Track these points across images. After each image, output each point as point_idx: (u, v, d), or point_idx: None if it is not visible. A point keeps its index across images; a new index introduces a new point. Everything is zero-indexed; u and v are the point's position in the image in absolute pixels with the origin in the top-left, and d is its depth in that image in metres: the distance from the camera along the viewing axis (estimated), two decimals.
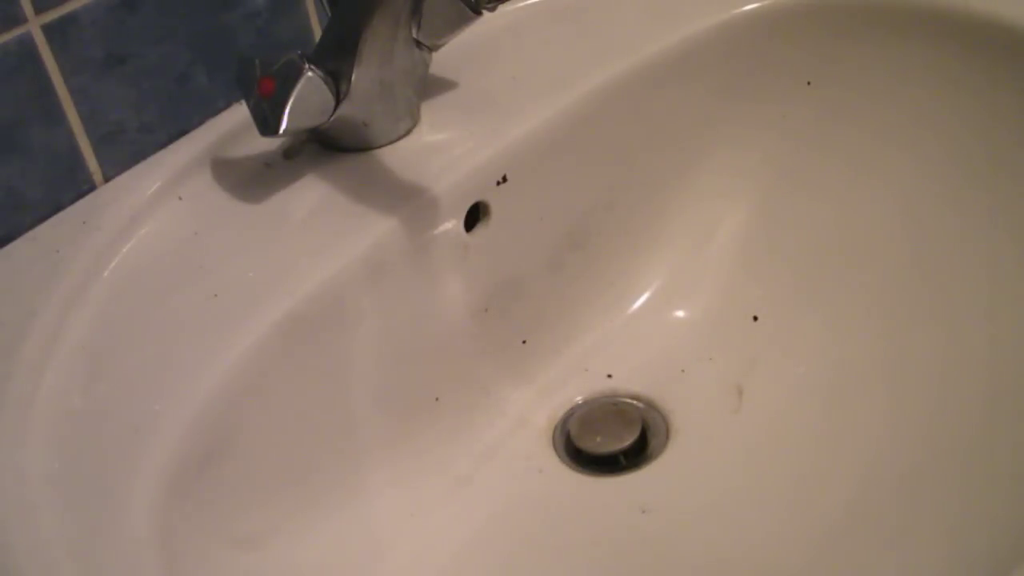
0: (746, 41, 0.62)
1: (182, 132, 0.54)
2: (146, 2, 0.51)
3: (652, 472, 0.53)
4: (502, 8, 0.64)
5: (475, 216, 0.53)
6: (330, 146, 0.53)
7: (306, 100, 0.47)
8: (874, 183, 0.59)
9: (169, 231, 0.49)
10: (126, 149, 0.52)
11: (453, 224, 0.51)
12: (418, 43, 0.51)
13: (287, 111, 0.47)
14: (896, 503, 0.48)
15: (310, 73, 0.47)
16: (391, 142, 0.53)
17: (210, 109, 0.55)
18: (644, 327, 0.60)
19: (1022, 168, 0.54)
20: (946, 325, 0.54)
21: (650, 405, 0.56)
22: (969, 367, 0.52)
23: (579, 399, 0.57)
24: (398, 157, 0.52)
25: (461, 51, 0.56)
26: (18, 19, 0.46)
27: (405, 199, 0.50)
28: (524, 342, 0.57)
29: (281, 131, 0.47)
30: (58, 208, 0.50)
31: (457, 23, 0.50)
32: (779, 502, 0.50)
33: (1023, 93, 0.54)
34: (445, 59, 0.56)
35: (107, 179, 0.52)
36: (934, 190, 0.57)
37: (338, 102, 0.49)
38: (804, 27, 0.61)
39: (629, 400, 0.57)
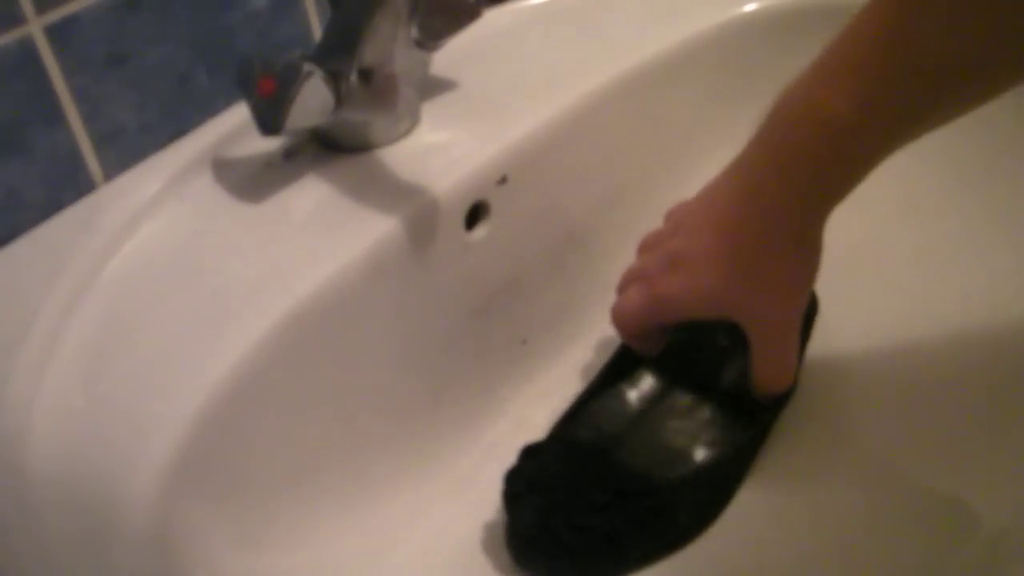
0: (746, 42, 0.62)
1: (182, 132, 0.54)
2: (147, 3, 0.51)
3: None
4: (502, 8, 0.64)
5: (475, 216, 0.53)
6: (330, 146, 0.53)
7: (306, 100, 0.47)
8: (873, 183, 0.59)
9: (169, 231, 0.49)
10: (126, 149, 0.52)
11: (453, 224, 0.51)
12: (418, 43, 0.51)
13: (287, 111, 0.47)
14: (897, 505, 0.48)
15: (311, 73, 0.47)
16: (391, 142, 0.53)
17: (210, 109, 0.55)
18: None
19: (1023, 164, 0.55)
20: (947, 326, 0.54)
21: None
22: (972, 368, 0.52)
23: None
24: (398, 157, 0.52)
25: (461, 51, 0.56)
26: (19, 19, 0.46)
27: (405, 199, 0.50)
28: (524, 342, 0.57)
29: (281, 131, 0.47)
30: (58, 208, 0.50)
31: (457, 23, 0.50)
32: (778, 503, 0.50)
33: (1021, 91, 0.54)
34: (445, 59, 0.56)
35: (107, 179, 0.52)
36: (934, 190, 0.57)
37: (338, 102, 0.49)
38: (804, 28, 0.61)
39: None
